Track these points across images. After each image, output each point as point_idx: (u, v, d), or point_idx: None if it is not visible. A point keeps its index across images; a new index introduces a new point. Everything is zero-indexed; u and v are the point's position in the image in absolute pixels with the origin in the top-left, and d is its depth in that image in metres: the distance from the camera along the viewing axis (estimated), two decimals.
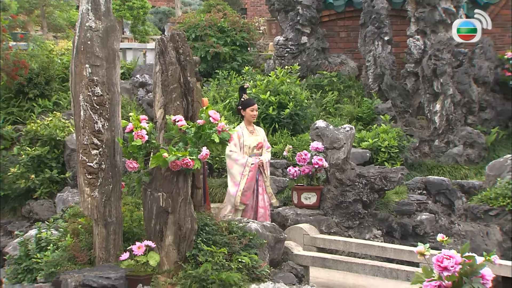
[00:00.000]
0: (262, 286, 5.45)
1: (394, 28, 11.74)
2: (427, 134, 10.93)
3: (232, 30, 13.42)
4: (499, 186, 8.98)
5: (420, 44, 10.98)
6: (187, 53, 5.82)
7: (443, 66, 10.68)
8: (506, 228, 8.74)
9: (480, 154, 10.79)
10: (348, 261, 6.77)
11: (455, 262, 3.97)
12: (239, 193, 7.44)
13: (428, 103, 10.90)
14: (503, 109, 11.73)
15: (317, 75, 12.02)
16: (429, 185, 9.35)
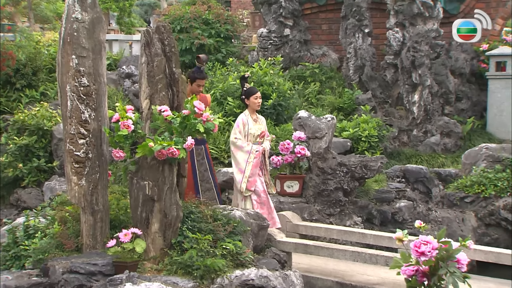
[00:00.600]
0: (246, 272, 5.46)
1: (374, 20, 11.76)
2: (406, 124, 10.98)
3: (217, 22, 13.37)
4: (475, 174, 9.06)
5: (399, 36, 11.00)
6: (172, 44, 5.79)
7: (421, 58, 10.72)
8: (481, 214, 8.82)
9: (457, 143, 10.87)
10: (330, 247, 6.80)
11: (432, 247, 4.00)
12: (244, 180, 7.28)
13: (407, 93, 10.95)
14: (479, 99, 11.82)
15: (300, 66, 12.02)
16: (408, 174, 9.41)
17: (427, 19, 10.93)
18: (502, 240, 8.67)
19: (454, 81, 11.37)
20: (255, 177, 7.33)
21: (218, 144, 9.90)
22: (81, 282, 5.06)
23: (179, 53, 7.51)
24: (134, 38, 15.19)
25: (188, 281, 5.17)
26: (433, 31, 10.95)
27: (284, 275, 5.62)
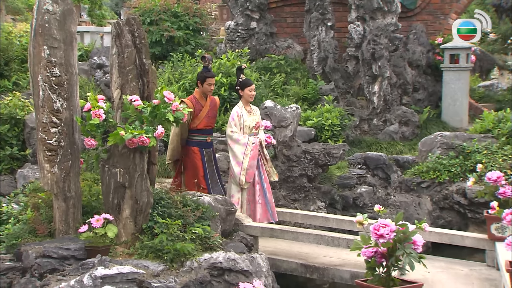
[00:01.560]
0: (214, 255, 5.46)
1: (337, 14, 11.80)
2: (367, 113, 11.07)
3: (186, 15, 13.27)
4: (430, 161, 9.17)
5: (360, 30, 11.06)
6: (142, 36, 5.74)
7: (381, 50, 10.80)
8: (436, 199, 8.95)
9: (414, 132, 11.00)
10: (294, 231, 6.83)
11: (390, 230, 4.06)
12: (243, 172, 7.11)
13: (368, 84, 11.03)
14: (434, 90, 11.97)
15: (266, 58, 12.02)
16: (368, 160, 9.49)
17: (386, 13, 11.01)
18: (455, 222, 8.82)
19: (412, 73, 11.49)
20: (254, 168, 7.19)
21: None
22: (54, 266, 5.01)
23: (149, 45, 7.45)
24: (105, 30, 15.01)
25: (159, 265, 5.16)
26: (392, 25, 11.04)
27: (251, 258, 5.64)
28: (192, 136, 7.18)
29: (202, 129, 7.18)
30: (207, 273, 5.32)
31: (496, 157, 8.77)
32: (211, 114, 7.25)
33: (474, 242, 6.50)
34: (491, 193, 6.17)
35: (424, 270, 5.00)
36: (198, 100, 7.18)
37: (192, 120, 7.11)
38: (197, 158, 7.14)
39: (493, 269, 6.21)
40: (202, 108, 7.16)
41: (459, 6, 12.27)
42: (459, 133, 9.68)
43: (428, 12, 12.28)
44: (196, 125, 7.14)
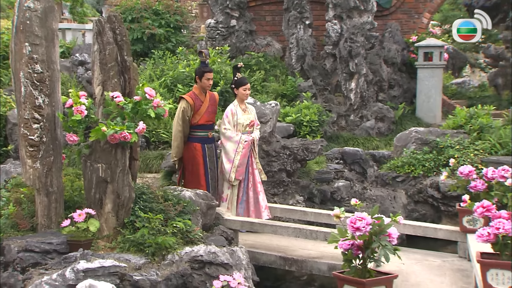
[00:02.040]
0: (195, 248, 5.45)
1: (314, 13, 11.82)
2: (344, 110, 11.11)
3: (166, 13, 13.21)
4: (405, 156, 9.23)
5: (337, 28, 11.09)
6: (123, 33, 5.69)
7: (358, 48, 10.84)
8: (411, 192, 9.01)
9: (389, 127, 11.07)
10: (273, 224, 6.84)
11: (366, 223, 4.08)
12: (233, 169, 7.10)
13: (345, 81, 11.07)
14: (409, 87, 12.05)
15: (246, 55, 12.00)
16: (345, 155, 9.53)
17: (363, 12, 11.06)
18: (429, 215, 8.89)
19: (387, 70, 11.56)
20: (244, 166, 7.16)
21: (169, 129, 9.80)
22: (36, 260, 4.96)
23: (130, 42, 7.39)
24: (86, 27, 14.89)
25: (140, 258, 5.14)
26: (368, 24, 11.09)
27: (231, 251, 5.63)
28: (194, 132, 7.14)
29: (203, 125, 7.13)
30: (188, 266, 5.31)
31: (468, 152, 8.86)
32: (211, 109, 7.20)
33: (447, 234, 6.56)
34: (463, 187, 6.22)
35: (399, 261, 5.04)
36: (197, 96, 7.13)
37: (192, 116, 7.06)
38: (199, 154, 7.10)
39: (465, 260, 6.28)
40: (202, 104, 7.11)
41: (432, 5, 12.37)
42: (433, 129, 9.75)
43: (402, 11, 12.37)
44: (197, 121, 7.09)
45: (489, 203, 4.72)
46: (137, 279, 4.90)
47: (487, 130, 9.34)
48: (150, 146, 9.73)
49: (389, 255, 4.10)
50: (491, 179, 5.93)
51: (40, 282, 4.56)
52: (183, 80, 10.41)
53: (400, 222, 4.37)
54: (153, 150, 9.64)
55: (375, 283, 4.15)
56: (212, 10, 12.52)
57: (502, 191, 5.70)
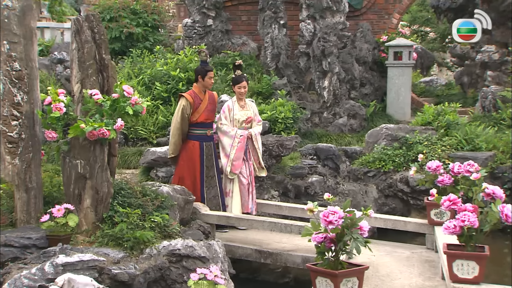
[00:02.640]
0: (173, 242, 5.43)
1: (289, 13, 11.83)
2: (317, 107, 11.15)
3: (144, 12, 13.12)
4: (376, 151, 9.30)
5: (310, 28, 11.12)
6: (101, 32, 5.64)
7: (330, 47, 10.88)
8: (381, 187, 9.08)
9: (361, 124, 11.13)
10: (249, 218, 6.85)
11: (338, 216, 4.10)
12: (229, 163, 7.02)
13: (318, 79, 11.10)
14: (380, 85, 12.13)
15: (222, 54, 11.97)
16: (319, 151, 9.56)
17: (335, 12, 11.10)
18: (398, 209, 8.96)
19: (359, 69, 11.62)
20: (240, 160, 7.09)
21: (147, 126, 9.76)
22: (15, 255, 4.90)
23: (108, 41, 7.32)
24: (65, 26, 14.71)
25: (119, 252, 5.10)
26: (340, 24, 11.14)
27: (208, 245, 5.63)
28: (193, 130, 7.06)
29: (202, 123, 7.05)
30: (166, 259, 5.29)
31: (435, 147, 8.95)
32: (210, 108, 7.12)
33: (416, 227, 6.62)
34: (431, 181, 6.28)
35: (370, 253, 5.09)
36: (197, 95, 7.05)
37: (192, 114, 6.98)
38: (196, 152, 7.03)
39: (432, 252, 6.34)
40: (202, 102, 7.03)
41: (401, 6, 12.47)
42: (403, 126, 9.83)
43: (373, 12, 12.44)
44: (196, 119, 7.01)
45: (455, 196, 4.77)
46: (116, 273, 4.86)
47: (453, 127, 9.44)
48: (129, 143, 9.67)
49: (360, 247, 4.13)
50: (457, 174, 5.99)
51: (19, 276, 4.50)
52: (161, 78, 10.35)
53: (371, 215, 4.40)
54: (131, 146, 9.58)
55: (347, 275, 4.17)
56: (189, 10, 12.46)
57: (467, 185, 5.77)
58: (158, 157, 8.28)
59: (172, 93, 10.11)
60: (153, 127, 9.74)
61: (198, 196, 6.98)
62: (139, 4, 13.18)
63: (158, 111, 9.96)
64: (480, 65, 12.73)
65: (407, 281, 5.44)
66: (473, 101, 12.52)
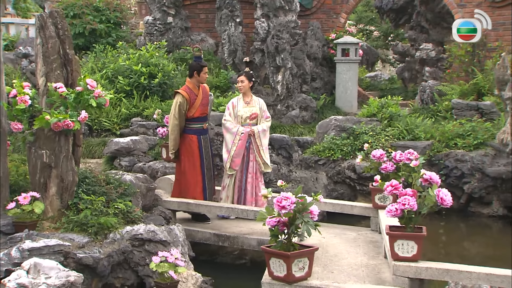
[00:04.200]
0: (135, 228, 5.38)
1: (244, 12, 11.81)
2: (272, 100, 11.17)
3: (107, 9, 12.88)
4: (326, 141, 9.38)
5: (265, 26, 11.12)
6: (65, 28, 5.52)
7: (283, 44, 10.91)
8: (331, 174, 9.18)
9: (312, 116, 11.22)
10: (208, 204, 6.83)
11: (291, 202, 4.13)
12: (229, 159, 6.81)
13: (272, 74, 11.13)
14: (329, 79, 12.24)
15: (182, 50, 11.87)
16: (273, 141, 9.57)
17: (287, 11, 11.13)
18: (346, 194, 9.08)
19: (310, 64, 11.69)
20: (240, 157, 6.85)
21: (110, 117, 9.62)
22: None
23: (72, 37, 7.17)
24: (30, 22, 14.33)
25: (84, 237, 5.03)
26: (292, 22, 11.17)
27: (168, 229, 5.60)
28: (189, 125, 6.87)
29: (198, 117, 6.88)
30: (129, 243, 5.24)
31: (379, 137, 9.09)
32: (204, 102, 6.96)
33: (361, 211, 6.73)
34: (375, 168, 6.37)
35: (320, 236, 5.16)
36: (192, 90, 6.87)
37: (188, 109, 6.80)
38: (195, 145, 6.87)
39: (376, 233, 6.45)
40: (197, 97, 6.87)
41: (348, 6, 12.59)
42: (350, 117, 9.94)
43: (322, 11, 12.53)
44: (192, 114, 6.84)
45: (397, 182, 4.85)
46: (81, 257, 4.80)
47: (396, 118, 9.60)
48: (93, 134, 9.52)
49: (310, 230, 4.17)
50: (399, 161, 6.10)
51: None
52: (123, 72, 10.20)
53: (321, 200, 4.45)
54: (95, 137, 9.43)
55: (299, 255, 4.22)
56: (150, 8, 12.30)
57: (408, 171, 5.88)
58: (121, 147, 8.19)
59: (134, 86, 9.98)
60: (117, 118, 9.60)
61: (200, 188, 6.85)
62: (101, 2, 12.93)
63: (121, 103, 9.83)
64: (419, 61, 12.98)
65: (353, 260, 5.53)
66: (413, 95, 12.76)
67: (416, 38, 13.82)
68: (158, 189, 7.08)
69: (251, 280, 5.29)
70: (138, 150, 8.36)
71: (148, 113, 9.41)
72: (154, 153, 8.55)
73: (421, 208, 4.53)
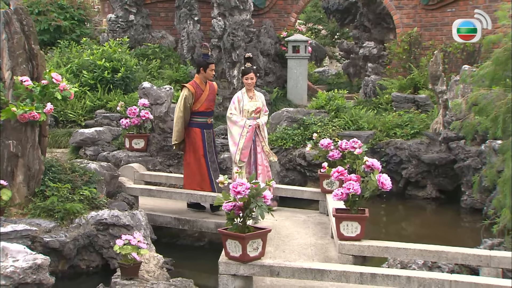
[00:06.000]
0: (100, 213, 5.31)
1: (202, 11, 11.71)
2: (228, 93, 11.13)
3: (71, 7, 12.54)
4: (279, 131, 9.41)
5: (221, 24, 11.06)
6: (30, 24, 5.36)
7: (239, 41, 10.88)
8: (283, 162, 9.20)
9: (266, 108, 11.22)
10: (169, 191, 6.79)
11: (245, 187, 4.14)
12: (238, 152, 6.47)
13: (228, 69, 11.09)
14: (281, 74, 12.28)
15: (143, 46, 11.69)
16: None
17: (242, 11, 11.10)
18: (297, 180, 9.14)
19: (263, 60, 11.70)
20: (248, 149, 6.54)
21: (75, 109, 9.41)
22: None
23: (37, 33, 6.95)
24: None
25: (50, 222, 4.94)
26: (247, 21, 11.15)
27: (132, 214, 5.54)
28: (194, 118, 6.65)
29: (203, 112, 6.67)
30: (94, 228, 5.17)
31: (327, 127, 9.19)
32: (211, 98, 6.76)
33: (311, 195, 6.79)
34: (323, 156, 6.43)
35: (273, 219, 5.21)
36: (198, 85, 6.66)
37: (193, 103, 6.59)
38: (198, 138, 6.65)
39: (324, 215, 6.53)
40: (203, 92, 6.65)
41: (298, 7, 12.65)
42: (300, 109, 10.00)
43: (274, 11, 12.55)
44: (197, 108, 6.62)
45: (342, 168, 4.92)
46: (47, 240, 4.71)
47: (342, 110, 9.72)
48: (59, 125, 9.31)
49: (264, 213, 4.20)
50: (345, 150, 6.18)
51: None
52: (87, 67, 9.98)
53: (273, 186, 4.48)
54: (61, 128, 9.22)
55: (253, 237, 4.24)
56: (113, 6, 12.07)
57: (352, 159, 5.96)
58: (86, 137, 8.04)
59: (98, 80, 9.79)
60: (81, 110, 9.41)
61: (207, 180, 6.65)
62: (65, 0, 12.58)
63: (86, 96, 9.63)
64: (363, 58, 13.17)
65: (303, 241, 5.59)
66: (358, 88, 12.94)
67: (359, 37, 14.01)
68: (122, 176, 6.98)
69: (209, 260, 5.29)
70: (103, 140, 8.22)
71: (111, 105, 9.24)
72: (117, 143, 8.41)
73: (364, 192, 4.62)
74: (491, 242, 5.27)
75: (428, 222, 8.09)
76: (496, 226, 5.27)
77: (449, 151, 8.48)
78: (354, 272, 4.13)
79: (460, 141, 8.26)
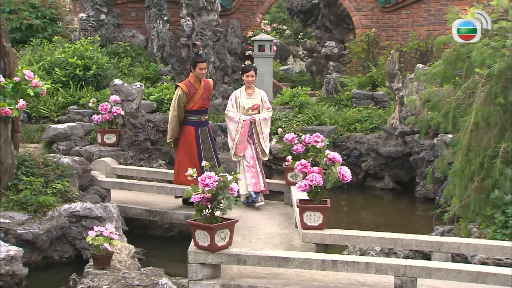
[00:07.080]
0: (72, 205, 5.23)
1: (171, 11, 11.60)
2: None
3: (42, 6, 12.23)
4: None
5: (190, 23, 10.98)
6: (1, 22, 5.22)
7: (207, 40, 10.83)
8: None
9: None
10: (140, 184, 6.75)
11: (213, 180, 4.15)
12: (234, 147, 6.33)
13: None
14: None
15: (114, 45, 11.50)
16: None
17: (210, 11, 11.04)
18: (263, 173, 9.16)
19: (230, 58, 11.67)
20: (244, 144, 6.33)
21: (48, 106, 9.21)
22: None
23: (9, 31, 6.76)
24: None
25: (23, 215, 4.84)
26: (214, 21, 11.10)
27: (104, 206, 5.48)
28: (188, 117, 6.46)
29: (197, 110, 6.47)
30: (66, 220, 5.09)
31: (291, 123, 9.26)
32: (205, 96, 6.55)
33: (276, 187, 6.84)
34: (288, 150, 6.48)
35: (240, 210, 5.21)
36: (192, 84, 6.45)
37: (187, 102, 6.39)
38: (192, 136, 6.46)
39: (289, 206, 6.55)
40: (197, 91, 6.45)
41: (263, 8, 12.65)
42: None
43: (241, 11, 12.52)
44: (191, 107, 6.43)
45: (306, 162, 4.97)
46: (21, 233, 4.61)
47: (305, 106, 9.80)
48: (32, 121, 9.10)
49: (231, 205, 4.21)
50: (308, 144, 6.25)
51: None
52: (60, 64, 9.77)
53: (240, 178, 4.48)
54: (34, 123, 9.02)
55: (221, 227, 4.25)
56: (84, 6, 11.86)
57: (315, 152, 6.03)
58: (59, 132, 7.91)
59: (70, 77, 9.61)
60: (54, 107, 9.23)
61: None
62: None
63: (58, 93, 9.44)
64: (325, 57, 13.28)
65: (269, 230, 5.63)
66: (320, 86, 13.05)
67: (321, 37, 14.11)
68: (94, 170, 6.89)
69: (179, 250, 5.28)
70: (75, 135, 8.09)
71: (84, 101, 9.08)
72: (90, 138, 8.29)
73: (326, 184, 4.67)
74: (442, 229, 5.42)
75: (385, 211, 8.25)
76: (447, 214, 5.42)
77: (404, 145, 8.66)
78: (317, 259, 4.18)
79: (415, 135, 8.44)
